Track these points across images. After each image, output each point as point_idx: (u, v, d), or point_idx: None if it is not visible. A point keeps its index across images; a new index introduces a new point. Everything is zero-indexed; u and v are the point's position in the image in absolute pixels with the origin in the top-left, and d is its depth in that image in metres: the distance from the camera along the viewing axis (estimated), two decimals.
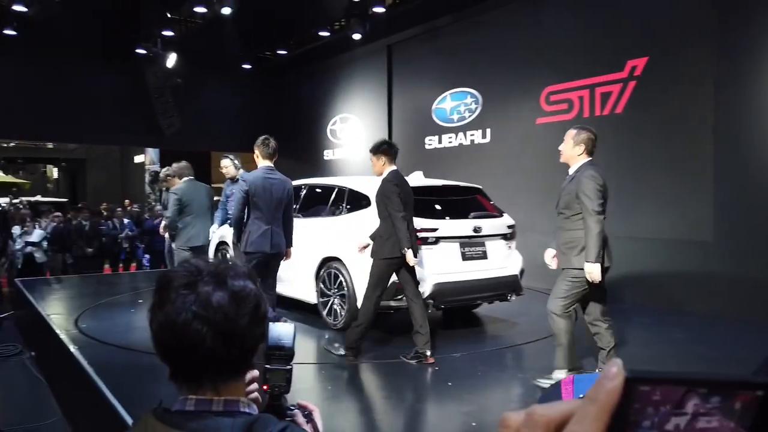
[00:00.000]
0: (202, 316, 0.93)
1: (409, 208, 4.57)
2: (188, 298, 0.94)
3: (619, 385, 0.34)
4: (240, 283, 0.98)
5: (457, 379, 4.18)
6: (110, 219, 11.13)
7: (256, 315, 0.99)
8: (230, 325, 0.95)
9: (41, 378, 5.66)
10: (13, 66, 11.71)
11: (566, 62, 8.01)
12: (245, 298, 0.98)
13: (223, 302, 0.95)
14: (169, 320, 0.95)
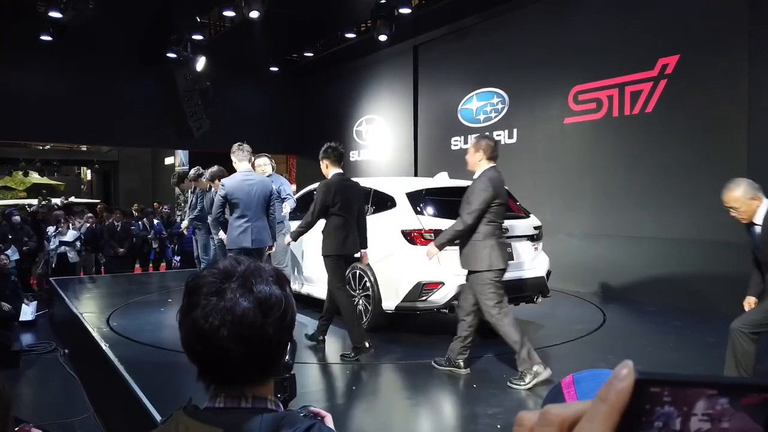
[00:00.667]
0: (227, 325, 0.94)
1: (348, 209, 4.81)
2: (216, 305, 0.95)
3: (629, 386, 0.35)
4: (267, 290, 0.98)
5: (482, 381, 4.15)
6: (140, 220, 11.37)
7: (282, 322, 0.99)
8: (256, 334, 0.96)
9: (74, 375, 5.81)
10: (49, 71, 12.07)
11: (595, 61, 7.90)
12: (272, 306, 0.97)
13: (248, 311, 0.95)
14: (197, 326, 0.96)
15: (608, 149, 7.83)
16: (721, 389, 0.34)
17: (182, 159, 18.18)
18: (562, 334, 5.51)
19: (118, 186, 24.63)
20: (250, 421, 0.94)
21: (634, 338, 5.71)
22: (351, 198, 4.87)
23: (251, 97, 14.11)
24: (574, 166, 8.25)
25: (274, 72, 13.95)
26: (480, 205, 4.13)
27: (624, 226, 7.58)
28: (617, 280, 7.61)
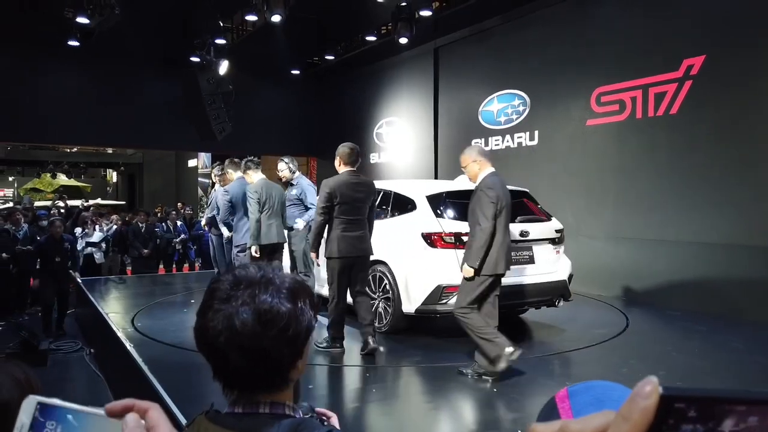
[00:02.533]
0: (225, 333, 0.95)
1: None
2: (220, 312, 0.97)
3: (654, 404, 0.34)
4: (270, 302, 0.97)
5: (502, 386, 4.13)
6: (164, 221, 11.54)
7: (283, 336, 0.97)
8: (253, 345, 0.96)
9: (99, 374, 5.92)
10: (76, 75, 12.34)
11: (618, 62, 7.80)
12: (272, 319, 0.96)
13: (247, 321, 0.95)
14: (202, 330, 0.98)
15: (632, 151, 7.73)
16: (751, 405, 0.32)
17: (205, 161, 18.41)
18: (584, 338, 5.45)
19: (142, 187, 25.04)
20: (268, 426, 0.95)
21: (657, 343, 5.62)
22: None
23: (272, 100, 14.23)
24: (597, 169, 8.16)
25: (296, 75, 14.05)
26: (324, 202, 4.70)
27: (647, 229, 7.47)
28: (640, 284, 7.50)
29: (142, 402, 1.03)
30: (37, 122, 12.12)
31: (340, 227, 4.75)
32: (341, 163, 4.93)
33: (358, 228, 4.80)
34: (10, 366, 1.09)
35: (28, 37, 11.35)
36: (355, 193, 4.83)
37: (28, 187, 25.91)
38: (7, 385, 1.04)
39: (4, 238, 8.02)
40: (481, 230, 4.09)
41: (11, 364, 1.10)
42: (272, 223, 5.85)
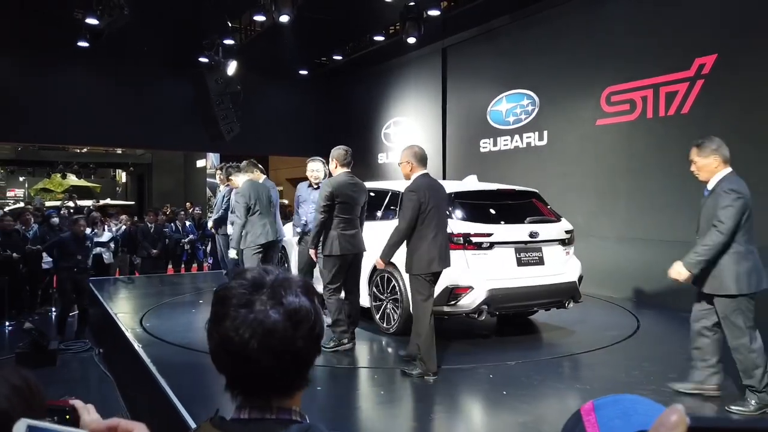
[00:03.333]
0: (257, 337, 0.93)
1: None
2: (245, 317, 0.94)
3: None
4: (297, 301, 0.97)
5: (512, 388, 4.09)
6: (173, 221, 11.58)
7: (311, 334, 0.98)
8: (286, 347, 0.95)
9: (108, 374, 5.94)
10: (85, 76, 12.40)
11: (628, 61, 7.73)
12: (302, 318, 0.96)
13: (278, 323, 0.94)
14: (226, 339, 0.95)
15: (643, 151, 7.65)
16: None
17: (213, 162, 18.45)
18: (595, 340, 5.39)
19: (151, 188, 25.14)
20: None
21: (669, 346, 5.55)
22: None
23: (280, 100, 14.24)
24: (607, 169, 8.09)
25: (303, 75, 14.05)
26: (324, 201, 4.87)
27: (659, 230, 7.39)
28: (652, 285, 7.42)
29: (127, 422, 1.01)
30: (46, 123, 12.20)
31: (339, 226, 4.90)
32: (337, 165, 5.09)
33: (354, 226, 4.99)
34: (7, 372, 1.05)
35: (37, 38, 11.43)
36: (353, 193, 5.01)
37: (39, 187, 26.10)
38: (4, 392, 1.00)
39: (15, 238, 8.06)
40: (396, 230, 4.33)
41: (9, 370, 1.06)
42: (265, 222, 5.97)
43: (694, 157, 3.79)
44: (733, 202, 3.54)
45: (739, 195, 3.55)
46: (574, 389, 4.25)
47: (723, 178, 3.67)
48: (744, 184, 3.64)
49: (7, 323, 7.79)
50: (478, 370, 4.51)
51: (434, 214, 4.30)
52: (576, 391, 4.20)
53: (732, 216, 3.52)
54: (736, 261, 3.60)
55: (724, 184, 3.63)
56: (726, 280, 3.62)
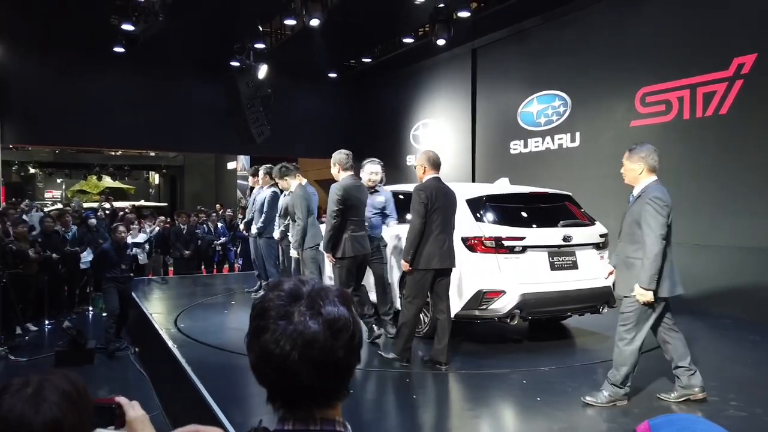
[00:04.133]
0: (298, 349, 0.93)
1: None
2: (285, 329, 0.94)
3: None
4: (335, 311, 0.97)
5: (546, 395, 4.04)
6: (205, 223, 11.77)
7: (351, 344, 0.98)
8: (326, 357, 0.94)
9: (144, 373, 6.05)
10: (121, 81, 12.70)
11: (664, 61, 7.57)
12: (341, 328, 0.96)
13: (318, 333, 0.94)
14: (266, 352, 0.95)
15: (679, 153, 7.48)
16: None
17: (244, 164, 18.69)
18: None
19: (183, 189, 25.59)
20: None
21: (708, 353, 5.41)
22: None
23: (310, 103, 14.36)
24: None
25: (333, 78, 14.14)
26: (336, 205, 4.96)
27: (696, 234, 7.21)
28: (688, 290, 7.14)
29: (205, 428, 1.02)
30: (83, 126, 12.54)
31: (350, 228, 5.00)
32: (340, 169, 5.16)
33: (362, 228, 5.11)
34: (59, 378, 1.06)
35: (75, 43, 11.74)
36: (360, 195, 5.12)
37: (75, 188, 26.79)
38: (54, 400, 1.03)
39: (54, 240, 8.29)
40: (411, 228, 4.49)
41: (58, 376, 1.07)
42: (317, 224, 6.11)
43: (624, 160, 3.93)
44: (660, 210, 3.67)
45: (665, 203, 3.68)
46: None
47: (648, 186, 3.78)
48: (667, 193, 3.76)
49: (47, 322, 8.01)
50: (511, 376, 4.47)
51: (439, 214, 4.49)
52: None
53: (663, 225, 3.65)
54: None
55: (649, 192, 3.74)
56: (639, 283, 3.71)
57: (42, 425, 1.00)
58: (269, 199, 7.33)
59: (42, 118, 12.16)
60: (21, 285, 7.30)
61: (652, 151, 3.82)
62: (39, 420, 1.00)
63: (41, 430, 1.00)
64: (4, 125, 11.89)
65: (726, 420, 3.55)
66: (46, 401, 1.02)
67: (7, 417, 0.99)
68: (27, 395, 1.02)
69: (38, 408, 1.01)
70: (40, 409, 1.01)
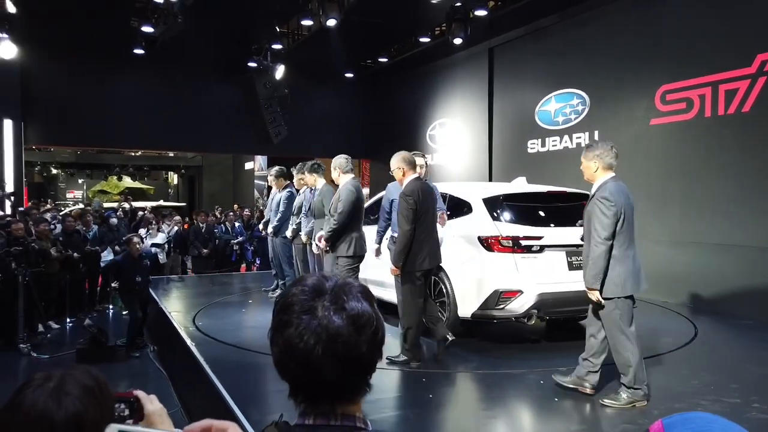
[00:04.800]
0: (322, 343, 0.93)
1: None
2: (309, 324, 0.94)
3: None
4: (359, 306, 0.97)
5: (564, 395, 4.00)
6: (223, 222, 11.86)
7: (374, 339, 0.98)
8: (350, 352, 0.95)
9: (163, 370, 6.12)
10: (140, 82, 12.88)
11: (685, 58, 7.46)
12: (365, 323, 0.96)
13: (342, 328, 0.94)
14: (290, 346, 0.95)
15: (700, 151, 7.37)
16: None
17: (261, 164, 18.81)
18: (650, 347, 5.20)
19: (202, 189, 25.84)
20: None
21: (729, 354, 5.34)
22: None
23: (326, 103, 14.41)
24: (662, 170, 7.83)
25: (349, 78, 14.17)
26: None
27: (717, 233, 7.11)
28: (709, 291, 7.14)
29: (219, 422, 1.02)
30: (104, 127, 12.73)
31: (358, 228, 5.19)
32: (340, 173, 5.29)
33: (361, 229, 5.26)
34: (78, 373, 1.07)
35: (96, 46, 11.93)
36: (363, 197, 5.30)
37: (96, 189, 27.20)
38: (76, 394, 1.04)
39: (76, 239, 8.41)
40: (401, 234, 4.45)
41: (80, 371, 1.08)
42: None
43: (582, 158, 3.96)
44: (606, 210, 3.63)
45: (611, 203, 3.63)
46: None
47: (601, 184, 3.78)
48: (621, 191, 3.71)
49: (68, 320, 8.14)
50: (528, 376, 4.44)
51: (426, 216, 4.53)
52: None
53: (607, 226, 3.62)
54: (612, 266, 3.69)
55: (599, 192, 3.75)
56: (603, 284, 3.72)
57: (64, 419, 1.01)
58: (285, 199, 7.37)
59: (64, 119, 12.36)
60: (43, 283, 7.42)
61: (608, 149, 3.83)
62: (61, 414, 1.01)
63: (63, 423, 1.01)
64: (27, 126, 12.11)
65: (748, 422, 3.48)
66: (68, 395, 1.03)
67: (30, 411, 1.01)
68: (49, 389, 1.03)
69: (60, 402, 1.02)
70: (62, 403, 1.02)
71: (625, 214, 3.67)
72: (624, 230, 3.68)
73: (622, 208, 3.66)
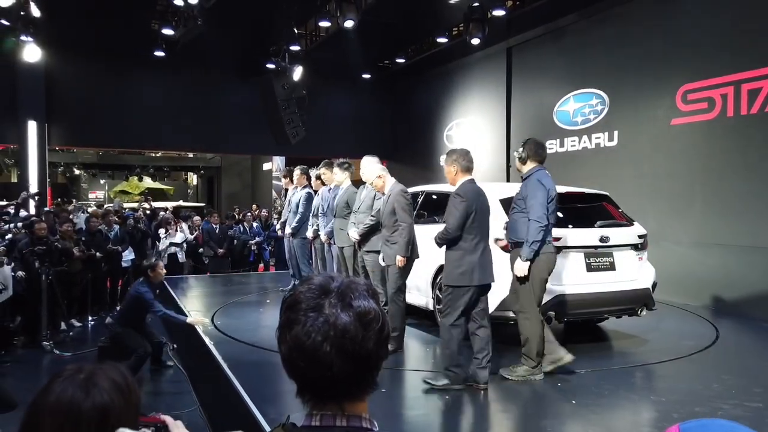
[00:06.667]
0: (330, 340, 0.94)
1: None
2: (316, 320, 0.95)
3: None
4: (365, 304, 0.98)
5: (581, 398, 3.97)
6: (240, 223, 11.96)
7: (380, 336, 0.99)
8: (357, 348, 0.95)
9: (182, 369, 6.18)
10: (161, 84, 13.04)
11: (706, 57, 7.35)
12: (371, 320, 0.97)
13: (349, 325, 0.95)
14: (298, 343, 0.96)
15: (722, 152, 7.25)
16: None
17: (279, 164, 18.92)
18: (670, 350, 5.15)
19: (220, 190, 26.08)
20: None
21: (751, 357, 5.25)
22: None
23: (344, 104, 14.46)
24: (683, 170, 7.72)
25: (367, 78, 14.19)
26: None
27: (738, 235, 6.99)
28: (731, 293, 7.02)
29: None
30: (125, 129, 12.92)
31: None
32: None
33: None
34: (110, 369, 1.12)
35: (117, 48, 12.11)
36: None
37: (118, 189, 27.59)
38: (105, 387, 1.08)
39: (98, 239, 8.55)
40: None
41: (112, 367, 1.13)
42: None
43: (443, 164, 4.43)
44: (458, 205, 4.03)
45: (463, 199, 4.04)
46: (648, 401, 4.07)
47: (460, 185, 4.17)
48: (474, 190, 4.13)
49: (90, 318, 8.27)
50: (546, 378, 4.41)
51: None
52: (650, 403, 4.02)
53: (457, 218, 4.01)
54: (460, 257, 4.05)
55: (455, 190, 4.16)
56: (449, 274, 4.08)
57: (91, 408, 1.05)
58: (304, 200, 7.40)
59: (86, 120, 12.57)
60: (66, 282, 7.55)
61: (464, 155, 4.26)
62: (88, 403, 1.05)
63: (90, 412, 1.05)
64: (51, 128, 12.33)
65: None
66: (96, 386, 1.07)
67: (59, 399, 1.05)
68: (79, 380, 1.08)
69: (88, 392, 1.06)
70: (90, 393, 1.06)
71: (476, 212, 4.05)
72: (474, 225, 4.06)
73: (473, 204, 4.05)
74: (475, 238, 4.05)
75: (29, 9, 9.10)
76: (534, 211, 4.10)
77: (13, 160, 19.77)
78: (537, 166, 4.36)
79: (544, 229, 4.10)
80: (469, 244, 4.03)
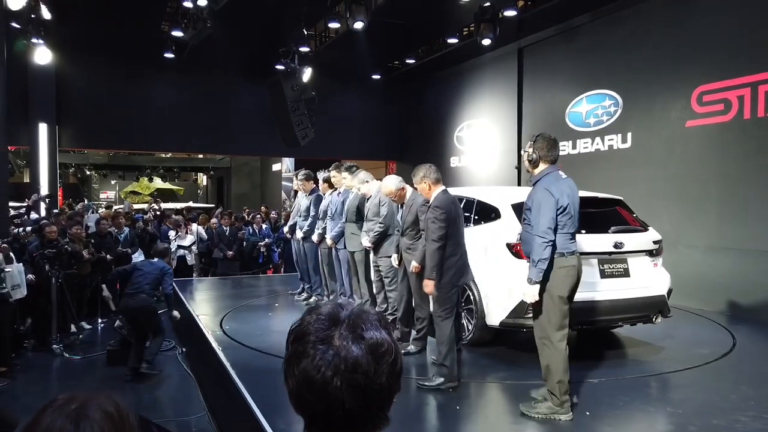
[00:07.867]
0: (340, 375, 0.90)
1: None
2: (325, 354, 0.91)
3: None
4: (377, 335, 0.94)
5: (595, 408, 3.88)
6: (250, 224, 11.93)
7: (393, 369, 0.94)
8: (369, 383, 0.91)
9: (190, 373, 6.15)
10: (171, 86, 13.07)
11: (722, 58, 7.22)
12: (383, 353, 0.93)
13: (361, 359, 0.91)
14: (307, 377, 0.91)
15: (738, 154, 7.12)
16: None
17: (288, 166, 18.92)
18: (685, 358, 5.05)
19: (230, 191, 26.15)
20: None
21: None
22: None
23: (353, 105, 14.40)
24: (698, 173, 7.59)
25: (376, 80, 14.13)
26: None
27: (755, 239, 6.86)
28: (748, 299, 6.89)
29: None
30: (135, 130, 12.96)
31: None
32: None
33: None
34: (101, 398, 1.08)
35: (127, 50, 12.15)
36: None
37: (128, 190, 27.76)
38: (97, 419, 1.03)
39: (108, 241, 8.55)
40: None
41: (102, 396, 1.09)
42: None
43: (415, 184, 4.66)
44: (439, 216, 4.27)
45: (443, 211, 4.28)
46: (664, 412, 3.97)
47: (435, 196, 4.42)
48: (449, 200, 4.38)
49: (100, 321, 8.27)
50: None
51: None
52: (666, 414, 3.93)
53: (438, 228, 4.25)
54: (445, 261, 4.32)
55: (434, 202, 4.39)
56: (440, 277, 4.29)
57: None
58: (314, 204, 7.35)
59: (97, 122, 12.62)
60: (76, 285, 7.56)
61: (429, 168, 4.51)
62: None
63: None
64: (61, 130, 12.39)
65: None
66: (87, 418, 1.02)
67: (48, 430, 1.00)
68: (69, 411, 1.03)
69: (78, 425, 1.01)
70: (80, 426, 1.01)
71: (452, 219, 4.30)
72: (452, 232, 4.30)
73: (451, 214, 4.29)
74: (454, 243, 4.35)
75: (40, 12, 9.13)
76: (538, 226, 3.64)
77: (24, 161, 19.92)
78: (548, 168, 3.93)
79: (550, 245, 3.64)
80: (451, 249, 4.33)
